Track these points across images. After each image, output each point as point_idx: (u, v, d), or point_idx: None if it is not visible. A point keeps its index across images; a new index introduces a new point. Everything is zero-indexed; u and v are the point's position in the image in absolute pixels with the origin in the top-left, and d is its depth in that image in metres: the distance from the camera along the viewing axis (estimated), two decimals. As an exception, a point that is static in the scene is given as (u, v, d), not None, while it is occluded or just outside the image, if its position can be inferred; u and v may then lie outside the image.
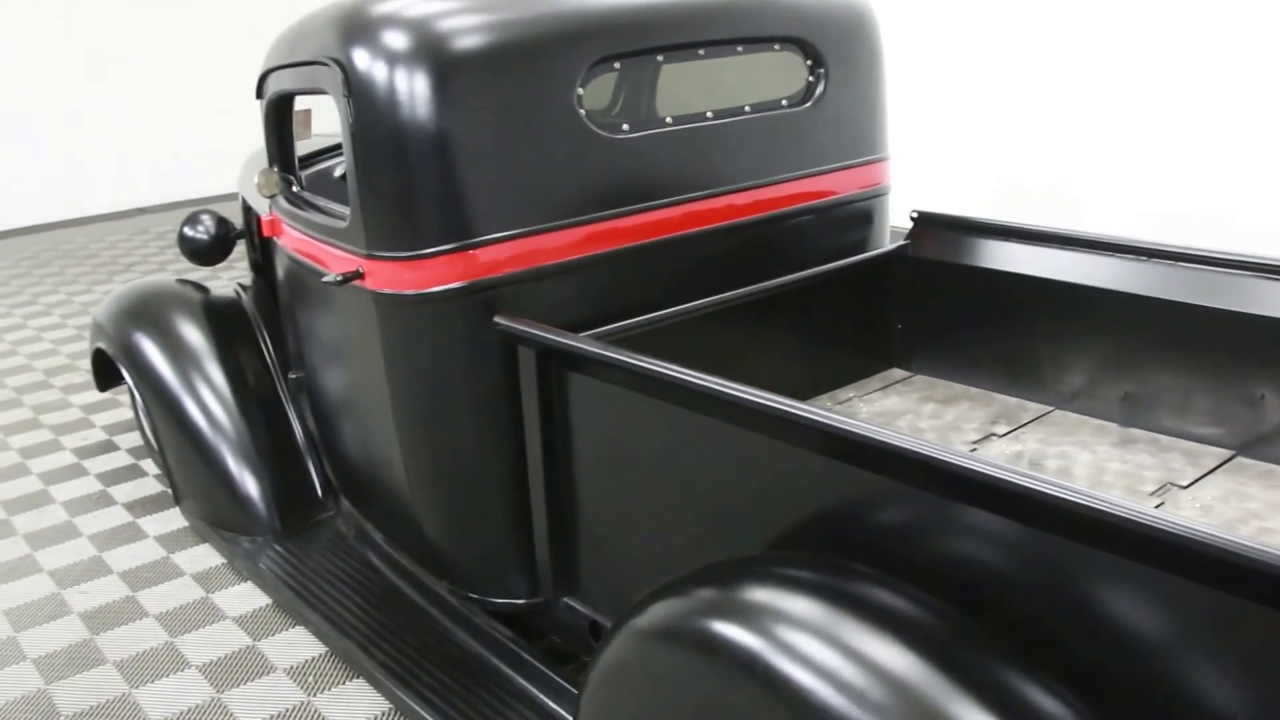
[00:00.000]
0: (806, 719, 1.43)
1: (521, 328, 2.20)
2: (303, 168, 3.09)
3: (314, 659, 2.78)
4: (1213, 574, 1.29)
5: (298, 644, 2.85)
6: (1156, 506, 1.91)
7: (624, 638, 1.72)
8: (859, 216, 2.87)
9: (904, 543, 1.62)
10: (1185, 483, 2.31)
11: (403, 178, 2.23)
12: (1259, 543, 1.25)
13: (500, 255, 2.27)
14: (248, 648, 2.84)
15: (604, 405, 2.12)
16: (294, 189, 2.90)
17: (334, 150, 3.42)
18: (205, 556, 3.30)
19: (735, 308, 2.52)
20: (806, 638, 1.49)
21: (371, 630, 2.72)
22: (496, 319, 2.24)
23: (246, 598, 3.07)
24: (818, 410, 1.71)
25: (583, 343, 2.12)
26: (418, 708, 2.42)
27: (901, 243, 2.88)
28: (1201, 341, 2.41)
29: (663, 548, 2.06)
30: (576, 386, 2.16)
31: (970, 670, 1.45)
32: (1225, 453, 2.41)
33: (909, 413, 2.71)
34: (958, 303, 2.81)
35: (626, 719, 1.74)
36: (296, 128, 2.96)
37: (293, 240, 2.79)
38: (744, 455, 1.84)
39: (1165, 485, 2.31)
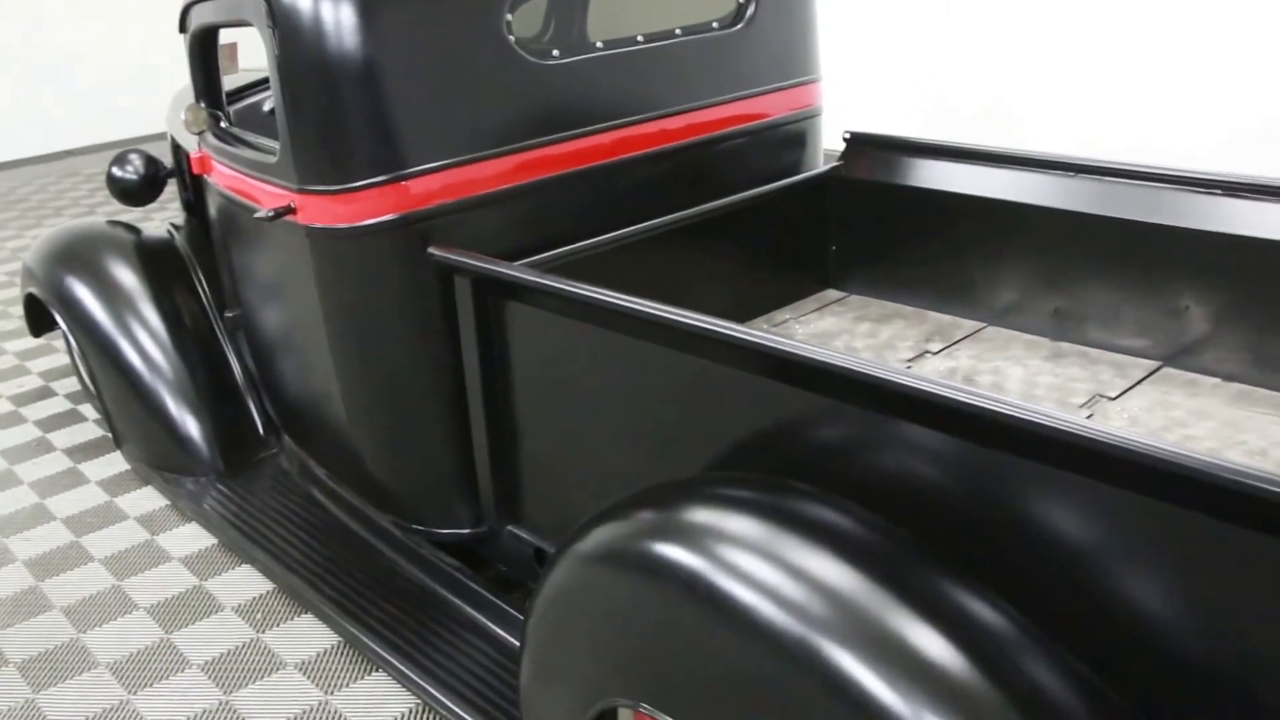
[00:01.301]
0: (749, 635, 1.43)
1: (456, 258, 2.15)
2: (231, 103, 2.99)
3: (261, 596, 2.74)
4: (1141, 481, 1.29)
5: (245, 582, 2.80)
6: (1087, 418, 1.92)
7: (567, 563, 1.71)
8: (792, 139, 2.83)
9: (842, 460, 1.61)
10: (1114, 394, 2.33)
11: (331, 110, 2.16)
12: (1184, 449, 1.25)
13: (433, 186, 2.21)
14: (195, 588, 2.80)
15: (542, 333, 2.08)
16: (222, 125, 2.81)
17: (262, 84, 3.31)
18: (148, 499, 3.23)
19: (670, 232, 2.49)
20: (747, 555, 1.48)
21: (318, 565, 2.69)
22: (431, 250, 2.18)
23: (192, 539, 3.02)
24: (754, 332, 1.69)
25: (518, 271, 2.08)
26: (366, 640, 2.40)
27: (835, 164, 2.85)
28: (1128, 256, 2.42)
29: (604, 473, 2.04)
30: (513, 315, 2.12)
31: (910, 581, 1.45)
32: (1152, 364, 2.43)
33: (845, 332, 2.70)
34: (891, 223, 2.80)
35: (572, 643, 1.73)
36: (223, 62, 2.85)
37: (223, 177, 2.70)
38: (682, 378, 1.82)
39: (1095, 397, 2.32)
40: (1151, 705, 1.36)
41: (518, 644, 1.88)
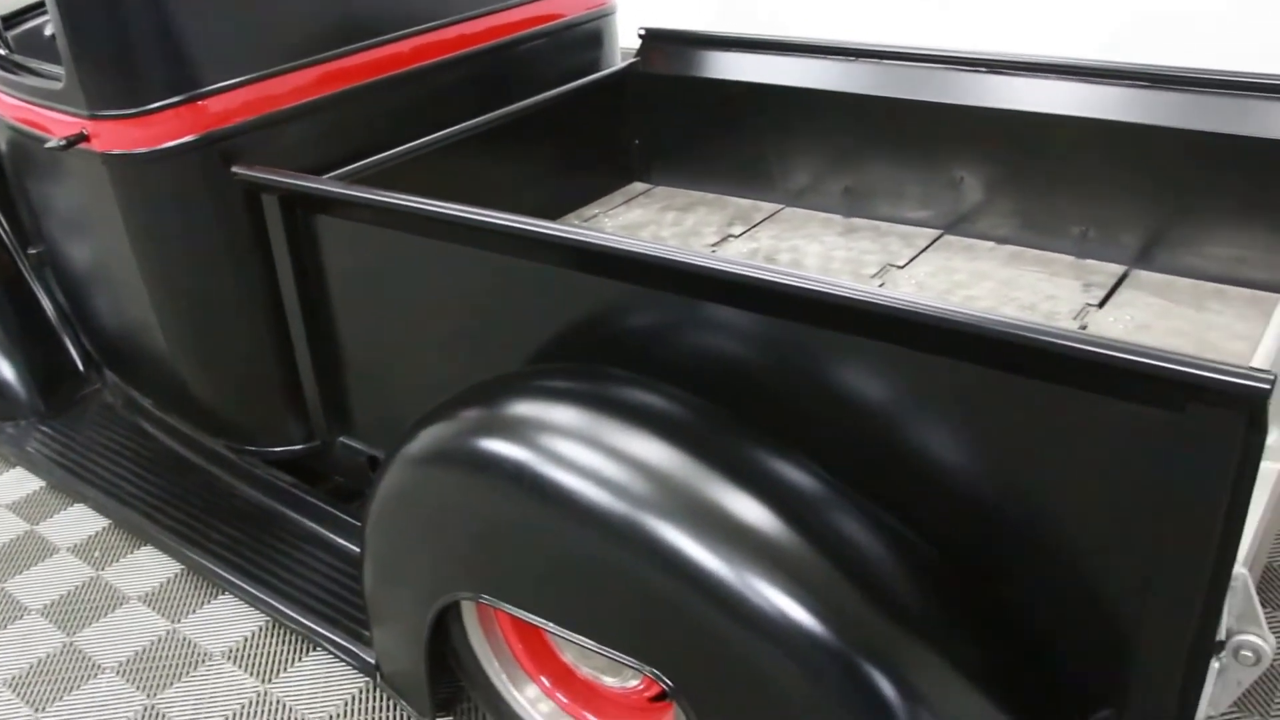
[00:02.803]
0: (577, 518, 1.42)
1: (261, 175, 2.01)
2: (8, 28, 2.70)
3: (97, 534, 2.58)
4: (930, 340, 1.32)
5: (79, 522, 2.64)
6: (879, 286, 1.96)
7: (397, 466, 1.66)
8: (588, 38, 2.75)
9: (655, 344, 1.60)
10: (902, 263, 2.39)
11: (115, 29, 1.97)
12: (965, 309, 1.29)
13: (231, 103, 2.05)
14: (26, 533, 2.61)
15: (355, 245, 1.98)
16: (1, 52, 2.54)
17: (39, 7, 3.00)
18: (-34, 447, 2.99)
19: (476, 137, 2.40)
20: (569, 443, 1.47)
21: (153, 497, 2.55)
22: (234, 169, 2.04)
23: (18, 483, 2.81)
24: (564, 227, 1.65)
25: (326, 184, 1.97)
26: (209, 564, 2.30)
27: (631, 60, 2.80)
28: (908, 133, 2.47)
29: (430, 377, 1.98)
30: (325, 229, 2.01)
31: (725, 453, 1.46)
32: (934, 233, 2.50)
33: (652, 223, 2.68)
34: (690, 115, 2.78)
35: (409, 544, 1.70)
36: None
37: (9, 108, 2.45)
38: (498, 278, 1.77)
39: (885, 267, 2.38)
40: (947, 542, 1.42)
41: (358, 550, 1.83)
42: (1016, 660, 1.42)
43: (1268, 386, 1.08)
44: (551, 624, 1.55)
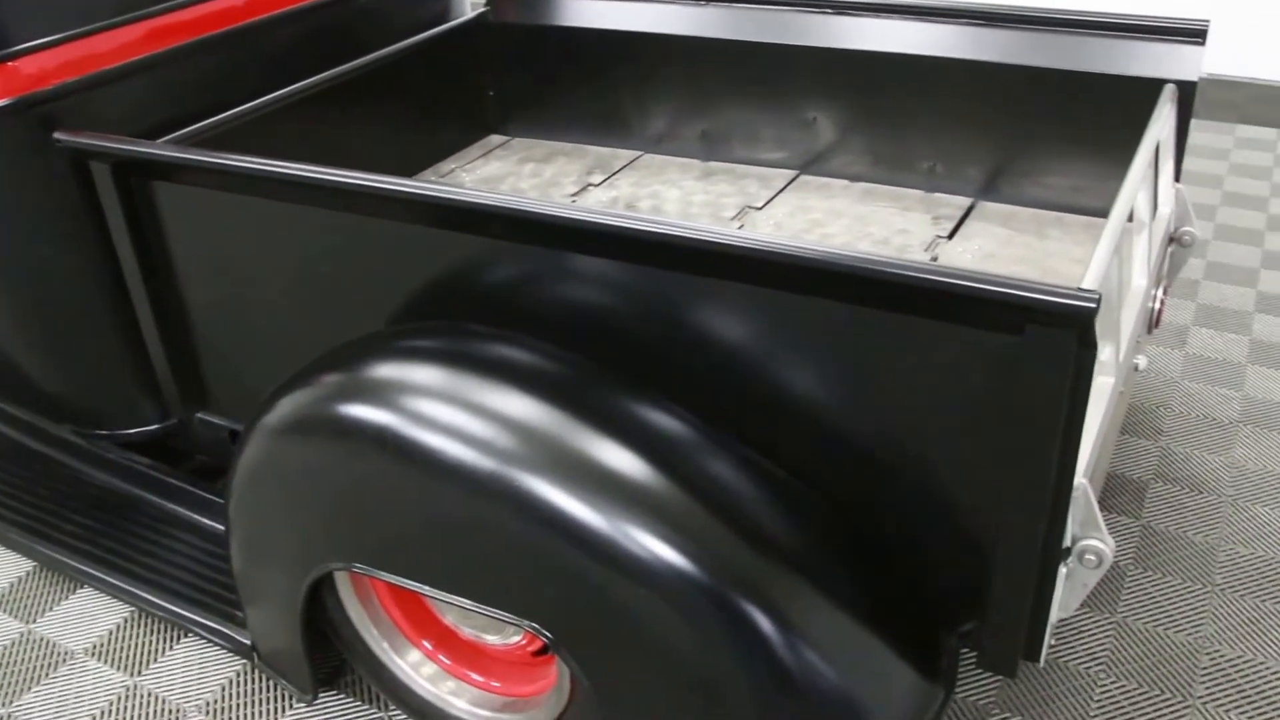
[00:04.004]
0: (444, 478, 1.42)
1: (88, 141, 1.93)
2: None
3: (-63, 531, 2.46)
4: (790, 279, 1.37)
5: (-86, 520, 2.51)
6: (738, 228, 2.01)
7: (257, 438, 1.63)
8: (433, -13, 2.71)
9: (519, 298, 1.61)
10: (760, 204, 2.45)
11: None
12: (822, 246, 1.34)
13: (49, 64, 1.95)
14: None
15: (198, 212, 1.92)
16: None
17: None
18: None
19: (323, 94, 2.34)
20: (431, 402, 1.47)
21: None
22: (57, 135, 1.95)
23: None
24: (419, 184, 1.63)
25: (162, 149, 1.89)
26: (64, 558, 2.22)
27: (481, 10, 2.77)
28: (760, 75, 2.52)
29: (287, 345, 1.94)
30: (164, 196, 1.94)
31: (591, 403, 1.48)
32: (790, 173, 2.57)
33: (510, 175, 2.68)
34: (543, 63, 2.77)
35: (276, 517, 1.68)
36: None
37: None
38: (352, 240, 1.74)
39: (744, 209, 2.44)
40: (813, 476, 1.48)
41: (223, 528, 1.80)
42: (887, 584, 1.50)
43: (1094, 305, 1.16)
44: (427, 587, 1.56)
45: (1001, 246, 2.23)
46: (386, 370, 1.56)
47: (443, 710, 1.83)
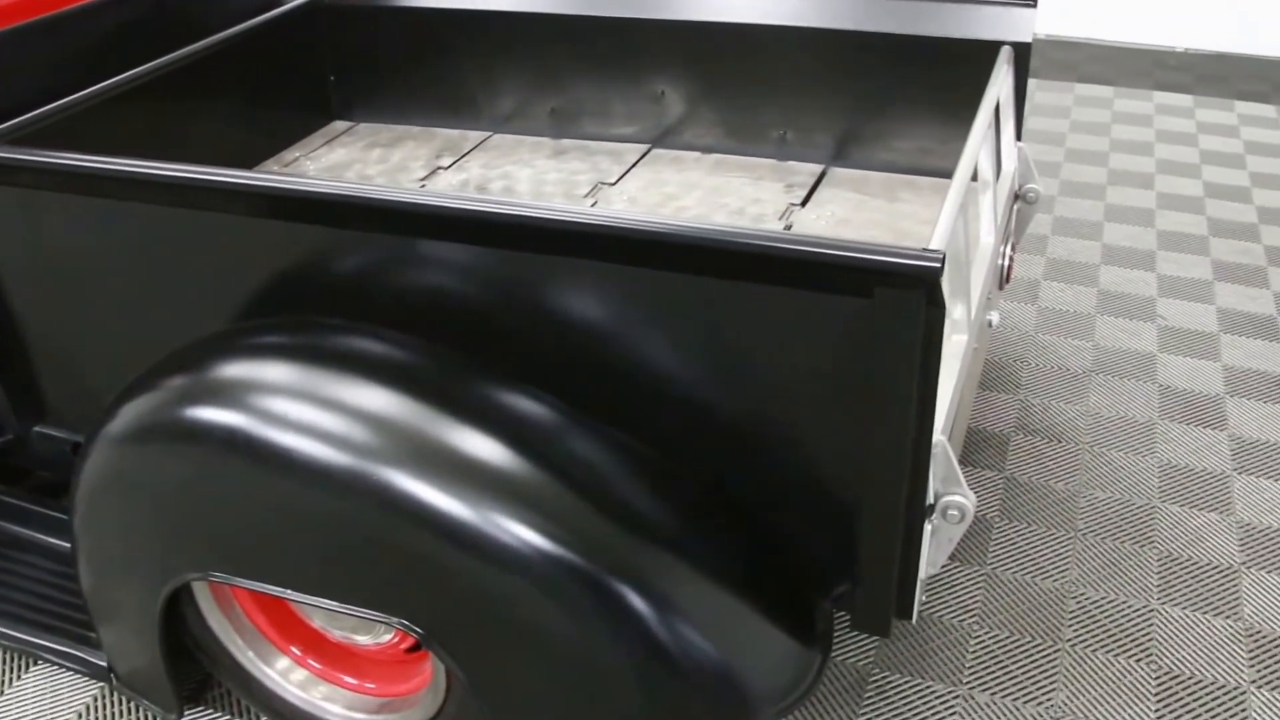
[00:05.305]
0: (298, 478, 1.40)
1: (-111, 142, 1.82)
2: None
3: None
4: (646, 255, 1.37)
5: None
6: (591, 206, 2.01)
7: (100, 449, 1.57)
8: (262, -30, 2.63)
9: (372, 289, 1.58)
10: (613, 180, 2.46)
11: None
12: (678, 220, 1.35)
13: None
14: None
15: (21, 214, 1.83)
16: None
17: None
18: None
19: (154, 83, 2.24)
20: (282, 400, 1.44)
21: None
22: None
23: None
24: (261, 175, 1.59)
25: (-28, 148, 1.80)
26: (-109, 591, 2.10)
27: (315, -8, 2.70)
28: (608, 50, 2.53)
29: (128, 349, 1.87)
30: (-18, 199, 1.84)
31: (450, 393, 1.47)
32: (642, 147, 2.59)
33: (356, 161, 2.63)
34: (386, 46, 2.72)
35: (122, 530, 1.62)
36: None
37: None
38: (190, 236, 1.68)
39: (597, 185, 2.44)
40: (680, 452, 1.50)
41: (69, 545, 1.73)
42: (758, 554, 1.54)
43: (938, 265, 1.21)
44: (289, 591, 1.53)
45: (855, 211, 2.30)
46: (233, 370, 1.52)
47: (317, 717, 1.81)
